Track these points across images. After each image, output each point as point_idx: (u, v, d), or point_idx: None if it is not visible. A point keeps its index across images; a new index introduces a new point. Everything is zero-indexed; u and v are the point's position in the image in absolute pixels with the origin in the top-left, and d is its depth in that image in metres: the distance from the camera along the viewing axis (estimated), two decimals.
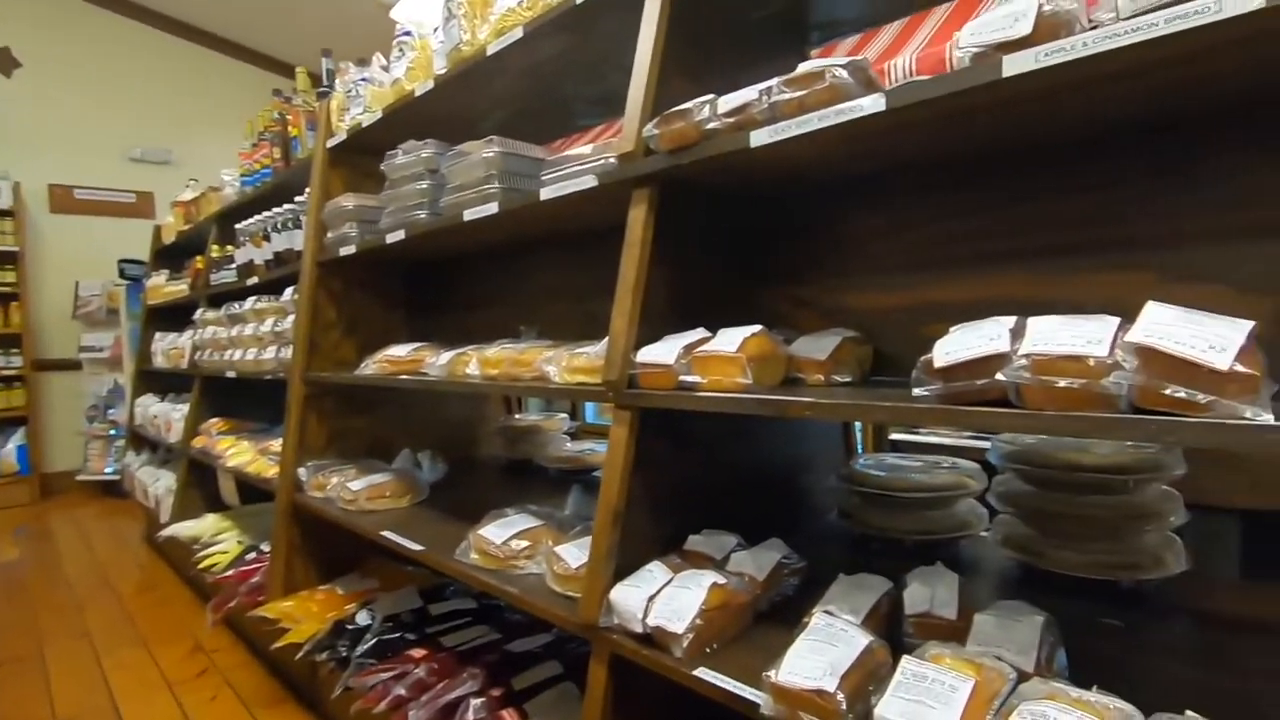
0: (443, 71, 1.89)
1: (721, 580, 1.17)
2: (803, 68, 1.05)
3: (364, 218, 2.29)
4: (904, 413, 0.88)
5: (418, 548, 1.74)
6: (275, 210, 2.87)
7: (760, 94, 1.10)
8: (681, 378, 1.19)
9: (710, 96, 1.19)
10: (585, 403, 3.03)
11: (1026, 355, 0.78)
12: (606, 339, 1.39)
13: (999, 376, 0.79)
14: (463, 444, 2.92)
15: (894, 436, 4.31)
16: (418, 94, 2.00)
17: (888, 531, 1.57)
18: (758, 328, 1.20)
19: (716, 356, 1.15)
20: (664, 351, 1.23)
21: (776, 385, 1.21)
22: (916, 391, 0.88)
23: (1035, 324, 0.82)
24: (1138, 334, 0.72)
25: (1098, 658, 1.00)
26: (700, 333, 1.28)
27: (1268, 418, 0.64)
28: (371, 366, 2.13)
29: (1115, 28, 0.76)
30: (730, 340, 1.17)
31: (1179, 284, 1.03)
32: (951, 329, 0.92)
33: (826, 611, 1.04)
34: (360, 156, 2.51)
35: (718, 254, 1.49)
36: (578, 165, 1.46)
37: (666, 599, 1.15)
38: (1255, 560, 1.42)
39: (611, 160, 1.41)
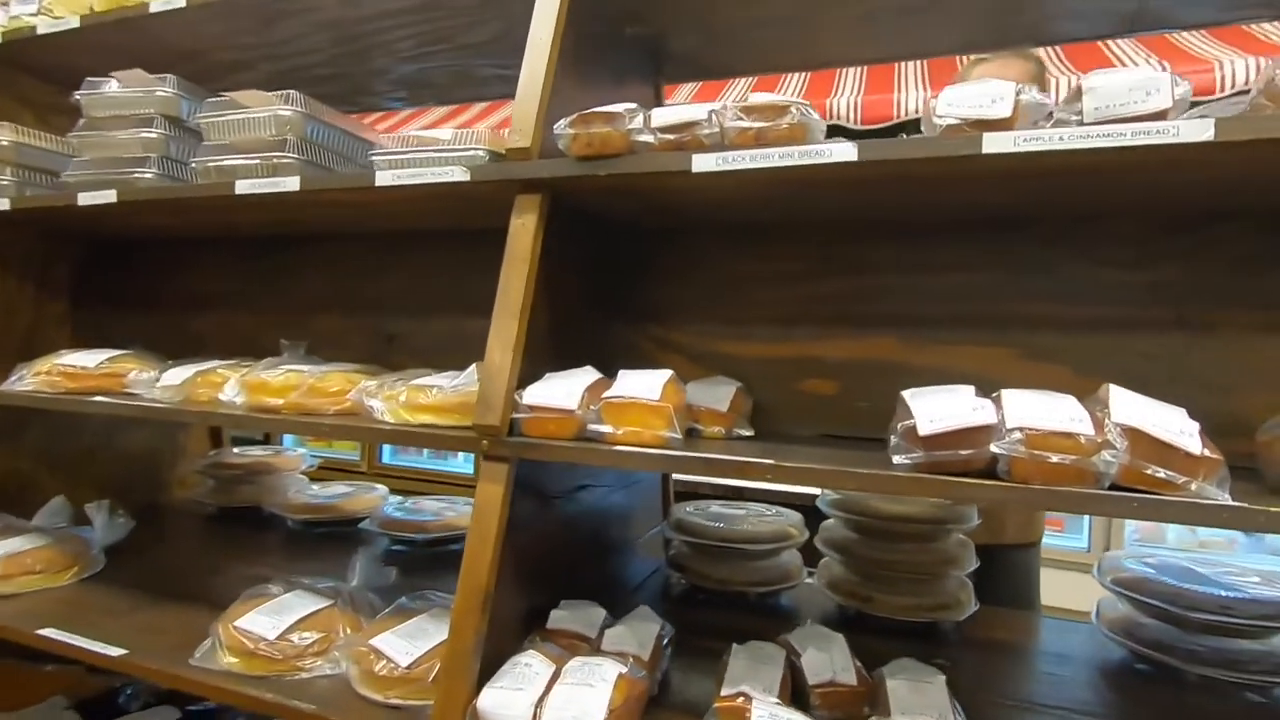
0: None
1: (623, 669, 0.98)
2: (761, 98, 0.96)
3: (30, 163, 1.59)
4: (885, 481, 0.83)
5: (117, 652, 1.19)
6: None
7: (710, 115, 0.98)
8: (591, 426, 0.99)
9: (634, 105, 1.04)
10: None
11: (1020, 429, 0.78)
12: (470, 370, 1.12)
13: (994, 449, 0.78)
14: (146, 487, 2.19)
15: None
16: (153, 9, 1.46)
17: (726, 584, 1.53)
18: (669, 373, 1.06)
19: (635, 404, 0.99)
20: (560, 394, 1.02)
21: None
22: (898, 459, 0.83)
23: (1012, 397, 0.83)
24: (1121, 416, 0.76)
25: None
26: (591, 373, 1.10)
27: (1228, 499, 0.72)
28: (30, 380, 1.45)
29: (1089, 129, 0.82)
30: (647, 385, 1.01)
31: (1029, 361, 1.17)
32: (909, 393, 0.91)
33: (758, 699, 0.93)
34: (21, 77, 1.76)
35: (584, 280, 1.32)
36: (435, 151, 1.17)
37: (561, 703, 0.93)
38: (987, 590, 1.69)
39: (480, 153, 1.16)
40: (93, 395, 1.44)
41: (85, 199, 1.43)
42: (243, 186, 1.28)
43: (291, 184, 1.24)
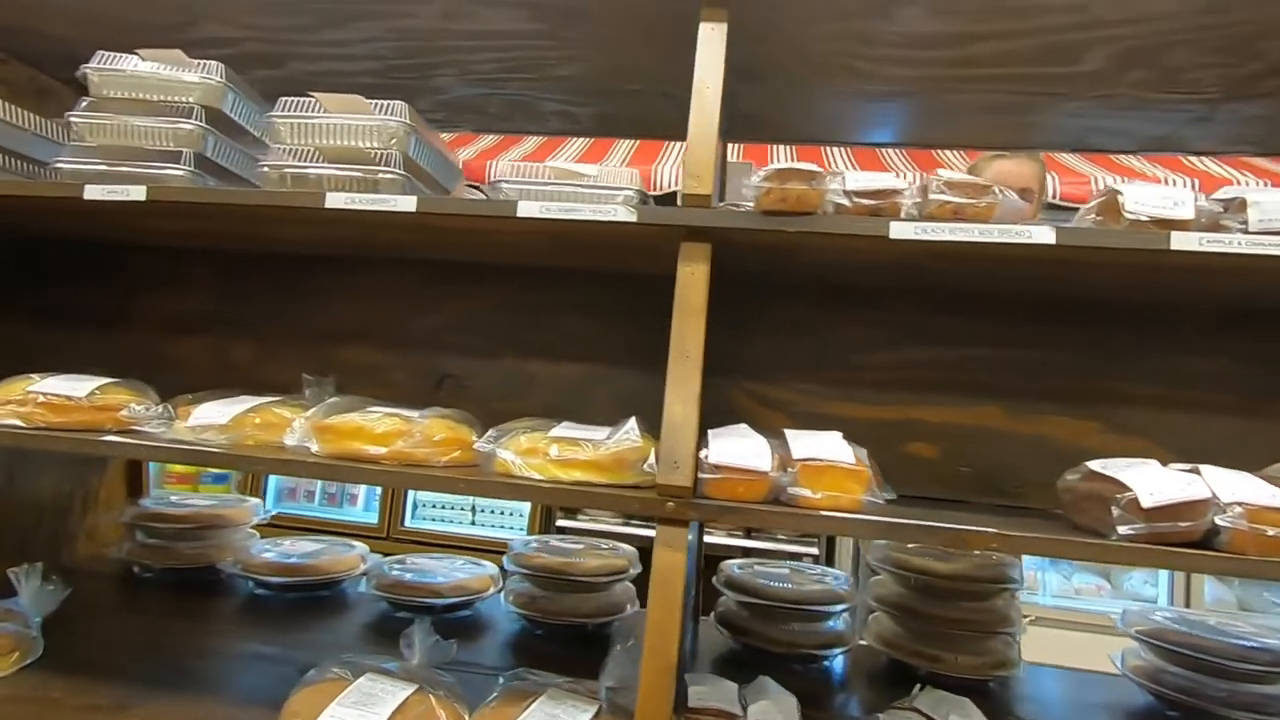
0: None
1: None
2: (960, 176, 1.01)
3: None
4: (1112, 552, 0.86)
5: None
6: None
7: (909, 185, 1.01)
8: (791, 490, 0.95)
9: (812, 167, 1.04)
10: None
11: (1239, 504, 0.85)
12: (629, 425, 1.04)
13: (1217, 522, 0.85)
14: (51, 542, 1.78)
15: (561, 523, 4.33)
16: None
17: (793, 647, 1.50)
18: (839, 435, 1.05)
19: (834, 468, 0.96)
20: (749, 454, 0.97)
21: None
22: (1123, 530, 0.87)
23: (1215, 474, 0.91)
24: None
25: None
26: (749, 431, 1.06)
27: None
28: None
29: (1259, 238, 0.93)
30: (837, 448, 0.99)
31: (1113, 434, 1.29)
32: (1100, 464, 0.96)
33: None
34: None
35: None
36: (589, 187, 1.10)
37: None
38: None
39: (632, 193, 1.11)
40: (82, 431, 1.15)
41: (96, 193, 1.17)
42: (336, 200, 1.11)
43: (406, 204, 1.10)
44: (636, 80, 1.48)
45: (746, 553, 3.72)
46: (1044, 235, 0.97)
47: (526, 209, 1.07)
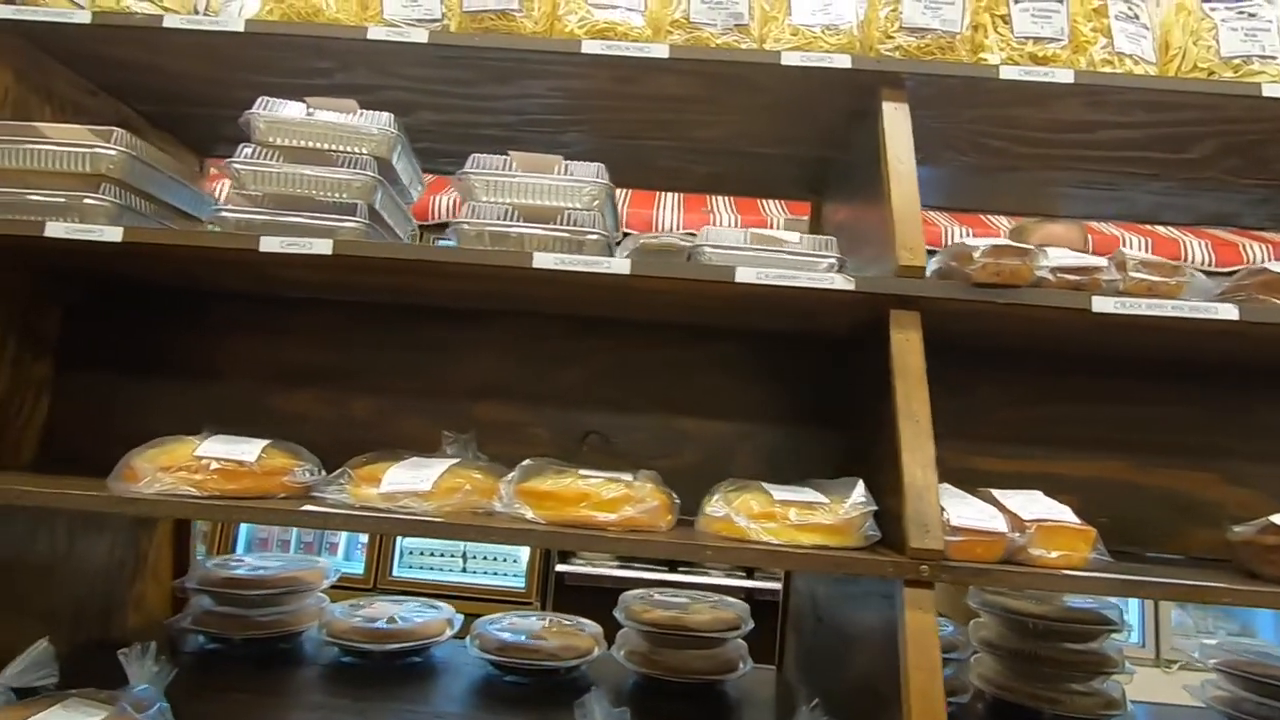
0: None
1: None
2: (1156, 258, 1.11)
3: (136, 184, 1.20)
4: None
5: None
6: None
7: (1110, 264, 1.10)
8: (1030, 550, 1.00)
9: (1024, 245, 1.12)
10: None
11: None
12: (857, 488, 1.06)
13: None
14: (101, 614, 1.62)
15: (561, 569, 4.26)
16: (373, 36, 1.23)
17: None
18: (1039, 493, 1.11)
19: (1065, 528, 1.02)
20: (985, 516, 1.01)
21: None
22: None
23: None
24: None
25: None
26: (969, 496, 1.10)
27: None
28: (167, 479, 1.04)
29: None
30: (1059, 508, 1.05)
31: (1229, 485, 1.41)
32: None
33: None
34: (55, 66, 1.36)
35: None
36: (801, 254, 1.13)
37: None
38: None
39: (833, 260, 1.15)
40: (255, 499, 1.08)
41: (272, 245, 1.11)
42: (545, 261, 1.10)
43: (620, 266, 1.10)
44: (768, 144, 1.54)
45: (749, 594, 3.75)
46: (1228, 312, 1.07)
47: (744, 275, 1.10)
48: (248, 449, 1.12)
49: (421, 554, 4.24)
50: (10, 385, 1.37)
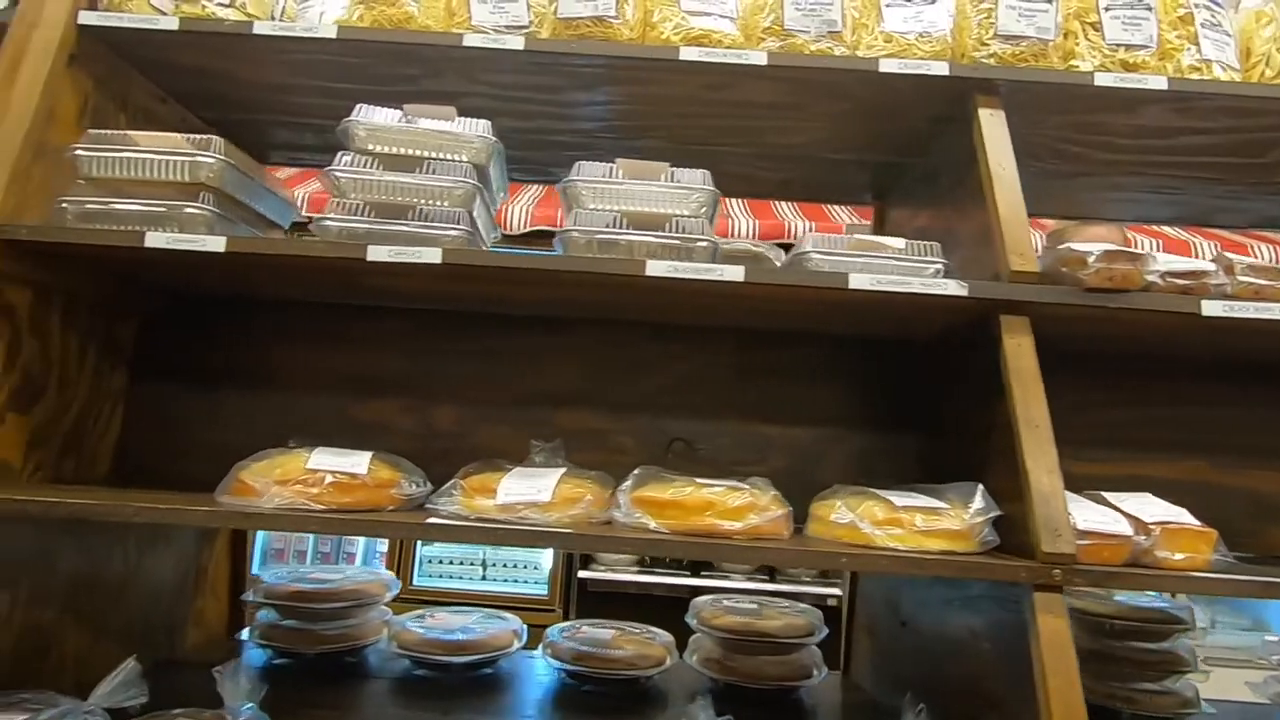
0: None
1: None
2: (1261, 263, 1.12)
3: (231, 192, 1.18)
4: None
5: None
6: None
7: (1217, 268, 1.11)
8: (1155, 553, 1.00)
9: (1136, 250, 1.13)
10: None
11: None
12: (977, 494, 1.06)
13: None
14: (165, 630, 1.59)
15: (583, 575, 4.24)
16: (469, 42, 1.22)
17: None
18: (1150, 495, 1.12)
19: (1187, 530, 1.03)
20: (1109, 520, 1.02)
21: None
22: None
23: None
24: None
25: None
26: (1085, 499, 1.10)
27: None
28: (285, 493, 1.02)
29: None
30: (1174, 510, 1.06)
31: None
32: None
33: None
34: (132, 73, 1.34)
35: None
36: (902, 258, 1.14)
37: None
38: None
39: (940, 266, 1.16)
40: (364, 512, 1.06)
41: (381, 254, 1.10)
42: (658, 269, 1.09)
43: (734, 273, 1.09)
44: (844, 150, 1.55)
45: (772, 596, 3.75)
46: None
47: (857, 281, 1.10)
48: (357, 461, 1.10)
49: (441, 562, 4.21)
50: (90, 396, 1.34)
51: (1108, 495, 1.12)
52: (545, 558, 4.09)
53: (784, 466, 1.44)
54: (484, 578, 4.25)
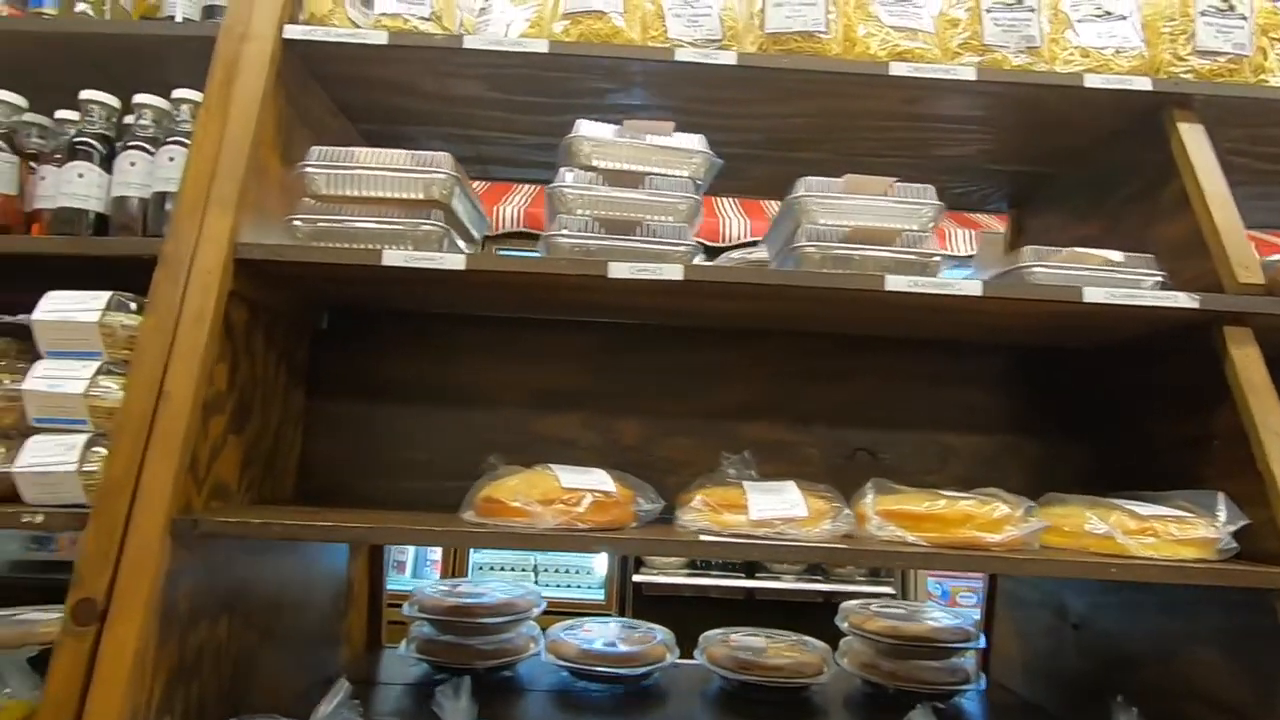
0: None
1: None
2: None
3: (457, 208, 1.18)
4: None
5: None
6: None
7: None
8: None
9: None
10: None
11: None
12: (1219, 501, 1.08)
13: None
14: (326, 646, 1.57)
15: (637, 579, 4.24)
16: (679, 57, 1.22)
17: None
18: None
19: None
20: None
21: None
22: None
23: None
24: None
25: None
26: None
27: None
28: (551, 516, 1.02)
29: None
30: None
31: None
32: None
33: None
34: (314, 86, 1.33)
35: None
36: (1120, 270, 1.16)
37: None
38: None
39: (1159, 277, 1.18)
40: (612, 530, 1.06)
41: (623, 271, 1.10)
42: (898, 284, 1.10)
43: (971, 288, 1.11)
44: (1006, 161, 1.57)
45: (827, 596, 3.79)
46: None
47: (1092, 295, 1.12)
48: (602, 479, 1.10)
49: (493, 569, 4.19)
50: (282, 415, 1.33)
51: None
52: (600, 562, 4.10)
53: (964, 474, 1.46)
54: (536, 582, 4.24)
